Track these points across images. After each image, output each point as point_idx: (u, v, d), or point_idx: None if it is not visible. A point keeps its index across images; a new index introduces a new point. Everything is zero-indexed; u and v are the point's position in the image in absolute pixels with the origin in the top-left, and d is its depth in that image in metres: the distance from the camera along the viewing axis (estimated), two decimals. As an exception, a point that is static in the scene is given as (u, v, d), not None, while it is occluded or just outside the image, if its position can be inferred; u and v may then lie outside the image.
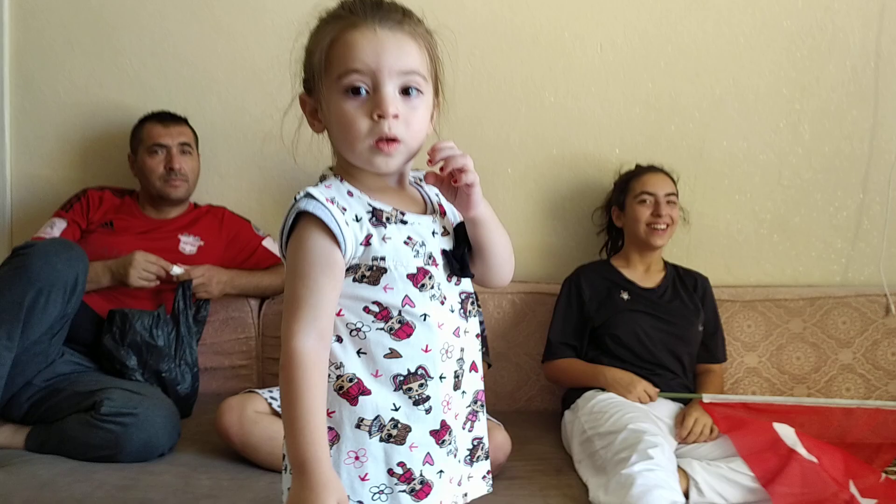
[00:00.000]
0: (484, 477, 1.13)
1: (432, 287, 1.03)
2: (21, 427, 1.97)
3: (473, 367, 1.11)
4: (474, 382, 1.11)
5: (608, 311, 2.19)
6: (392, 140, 1.00)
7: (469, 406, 1.10)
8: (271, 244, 2.45)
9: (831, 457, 1.82)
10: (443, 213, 1.10)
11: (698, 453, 1.91)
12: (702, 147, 2.53)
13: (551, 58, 2.51)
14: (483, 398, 1.13)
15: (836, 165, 2.54)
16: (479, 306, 2.06)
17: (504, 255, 1.13)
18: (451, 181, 1.04)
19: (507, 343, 2.43)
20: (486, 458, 1.13)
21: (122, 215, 2.34)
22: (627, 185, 2.31)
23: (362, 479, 1.01)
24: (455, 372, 1.06)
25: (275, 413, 1.87)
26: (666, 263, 2.34)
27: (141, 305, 2.15)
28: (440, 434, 1.04)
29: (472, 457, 1.10)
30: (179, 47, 2.53)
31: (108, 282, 2.14)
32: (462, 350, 1.07)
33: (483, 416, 1.13)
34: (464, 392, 1.08)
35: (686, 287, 2.29)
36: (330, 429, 1.00)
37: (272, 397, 1.88)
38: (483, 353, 2.19)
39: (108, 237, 2.28)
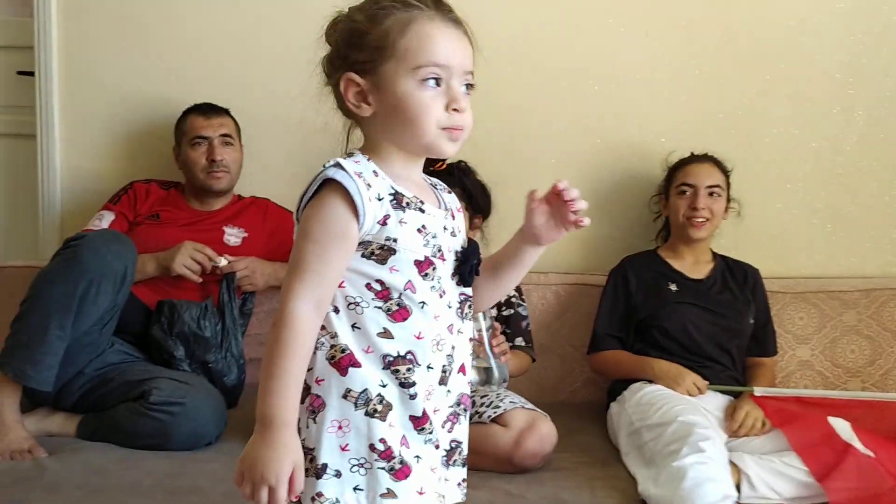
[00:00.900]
0: (459, 484, 1.12)
1: (434, 278, 1.06)
2: (73, 415, 2.01)
3: (462, 370, 1.11)
4: (460, 384, 1.11)
5: (655, 302, 2.16)
6: (460, 130, 1.07)
7: (452, 406, 1.10)
8: (315, 235, 2.45)
9: (888, 451, 1.76)
10: (453, 216, 1.13)
11: (750, 447, 1.87)
12: (751, 135, 2.47)
13: (595, 45, 2.47)
14: (468, 403, 1.13)
15: (891, 153, 2.46)
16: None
17: (509, 287, 1.20)
18: (556, 211, 1.11)
19: (550, 334, 2.40)
20: (464, 465, 1.12)
21: (168, 207, 2.37)
22: (672, 174, 2.28)
23: (342, 450, 1.02)
24: (443, 366, 1.07)
25: (320, 403, 1.87)
26: (715, 254, 2.29)
27: (188, 297, 2.17)
28: (420, 422, 1.05)
29: (448, 459, 1.10)
30: (222, 40, 2.55)
31: (153, 270, 2.16)
32: (453, 347, 1.08)
33: (465, 422, 1.12)
34: (448, 390, 1.09)
35: (736, 279, 2.24)
36: (317, 396, 1.02)
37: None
38: (528, 348, 2.18)
39: (155, 229, 2.30)
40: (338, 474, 1.01)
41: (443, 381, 1.07)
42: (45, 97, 2.61)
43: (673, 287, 2.18)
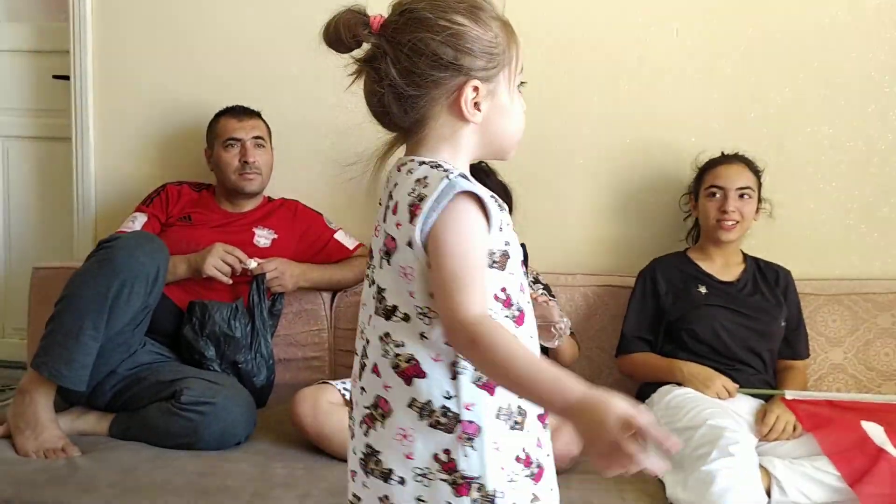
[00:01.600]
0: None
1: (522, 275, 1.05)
2: (105, 414, 2.04)
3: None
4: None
5: (685, 305, 2.14)
6: None
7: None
8: (343, 237, 2.47)
9: (923, 457, 1.73)
10: None
11: (780, 451, 1.85)
12: (784, 134, 2.44)
13: (625, 44, 2.45)
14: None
15: (929, 152, 2.41)
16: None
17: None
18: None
19: (579, 336, 2.39)
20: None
21: (200, 209, 2.40)
22: (702, 175, 2.25)
23: (501, 470, 0.97)
24: None
25: (348, 404, 1.88)
26: (746, 256, 2.26)
27: (219, 297, 2.20)
28: (543, 417, 1.03)
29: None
30: (254, 43, 2.58)
31: (184, 272, 2.19)
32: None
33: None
34: None
35: (767, 281, 2.21)
36: (469, 422, 0.96)
37: (345, 388, 1.90)
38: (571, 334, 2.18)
39: (187, 230, 2.33)
40: (502, 495, 0.97)
41: None
42: (81, 101, 2.66)
43: (702, 289, 2.15)
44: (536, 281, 2.27)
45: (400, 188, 1.00)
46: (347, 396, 1.88)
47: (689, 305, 2.13)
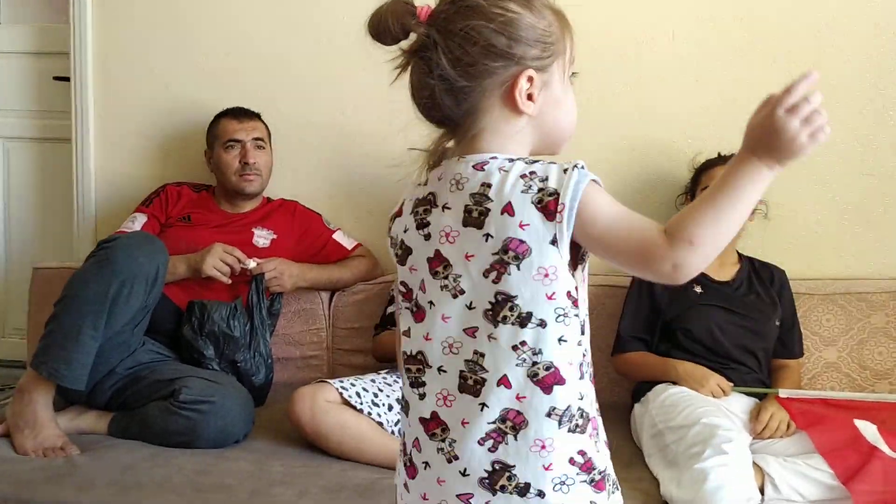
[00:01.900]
0: None
1: None
2: (104, 413, 2.06)
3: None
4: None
5: (680, 304, 2.15)
6: None
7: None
8: (341, 237, 2.48)
9: (916, 455, 1.74)
10: None
11: (774, 449, 1.86)
12: (779, 135, 2.45)
13: (621, 47, 2.46)
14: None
15: (923, 153, 2.42)
16: None
17: None
18: None
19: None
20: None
21: (199, 210, 2.41)
22: (698, 177, 2.26)
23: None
24: None
25: (345, 402, 1.89)
26: (741, 256, 2.27)
27: (218, 297, 2.21)
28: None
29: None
30: (254, 44, 2.59)
31: (184, 272, 2.20)
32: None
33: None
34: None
35: (762, 280, 2.22)
36: (594, 417, 0.98)
37: (342, 387, 1.91)
38: None
39: (186, 231, 2.35)
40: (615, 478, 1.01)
41: None
42: (81, 102, 2.67)
43: (697, 289, 2.16)
44: None
45: (501, 189, 0.93)
46: (345, 395, 1.89)
47: (685, 305, 2.14)
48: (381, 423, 1.89)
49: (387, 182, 2.56)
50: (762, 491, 1.70)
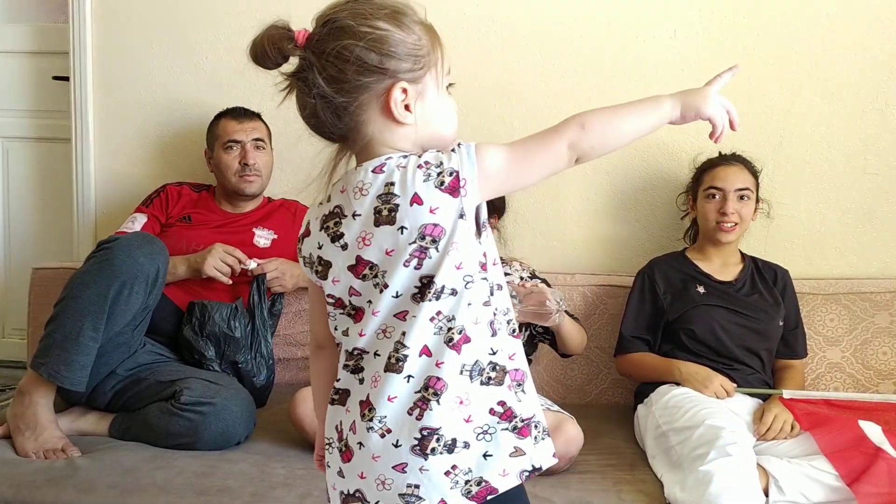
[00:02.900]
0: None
1: None
2: (105, 414, 2.05)
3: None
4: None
5: (683, 304, 2.14)
6: None
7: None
8: (342, 237, 2.47)
9: (921, 456, 1.73)
10: None
11: (778, 451, 1.85)
12: (781, 134, 2.44)
13: (623, 45, 2.46)
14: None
15: (926, 152, 2.42)
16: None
17: None
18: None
19: (578, 336, 2.40)
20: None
21: (200, 210, 2.40)
22: (700, 176, 2.24)
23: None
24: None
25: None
26: (744, 256, 2.27)
27: (219, 298, 2.20)
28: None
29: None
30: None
31: (184, 272, 2.19)
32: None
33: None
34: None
35: (765, 280, 2.21)
36: (517, 370, 1.06)
37: (344, 388, 1.90)
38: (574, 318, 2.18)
39: (186, 231, 2.34)
40: (544, 424, 1.08)
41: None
42: (80, 102, 2.66)
43: (700, 289, 2.16)
44: (534, 276, 2.28)
45: (403, 184, 1.00)
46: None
47: (688, 305, 2.13)
48: (382, 425, 1.88)
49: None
50: (766, 492, 1.70)
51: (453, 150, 1.01)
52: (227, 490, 1.72)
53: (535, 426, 1.05)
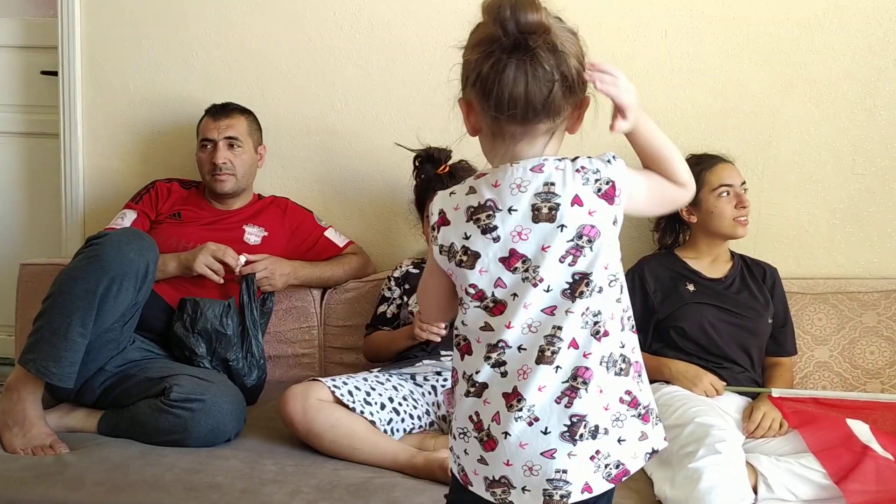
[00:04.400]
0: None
1: None
2: (94, 411, 2.04)
3: None
4: None
5: (673, 302, 2.14)
6: None
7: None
8: (333, 234, 2.47)
9: (908, 454, 1.75)
10: None
11: (767, 448, 1.86)
12: (771, 134, 2.45)
13: (613, 45, 2.46)
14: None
15: (914, 153, 2.44)
16: None
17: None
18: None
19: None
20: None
21: (190, 206, 2.39)
22: (700, 178, 2.17)
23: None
24: None
25: (338, 401, 1.88)
26: (733, 254, 2.28)
27: (209, 296, 2.19)
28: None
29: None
30: (243, 38, 2.58)
31: (174, 269, 2.19)
32: None
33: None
34: None
35: (755, 278, 2.22)
36: (637, 362, 1.13)
37: (334, 385, 1.90)
38: None
39: (176, 228, 2.33)
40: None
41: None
42: (69, 97, 2.65)
43: (691, 287, 2.16)
44: None
45: (564, 185, 1.06)
46: (337, 393, 1.88)
47: (678, 303, 2.14)
48: (373, 422, 1.88)
49: (378, 179, 2.55)
50: (755, 490, 1.70)
51: (608, 161, 1.08)
52: (216, 487, 1.71)
53: (652, 412, 1.13)
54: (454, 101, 1.13)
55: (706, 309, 2.12)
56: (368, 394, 1.93)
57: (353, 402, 1.88)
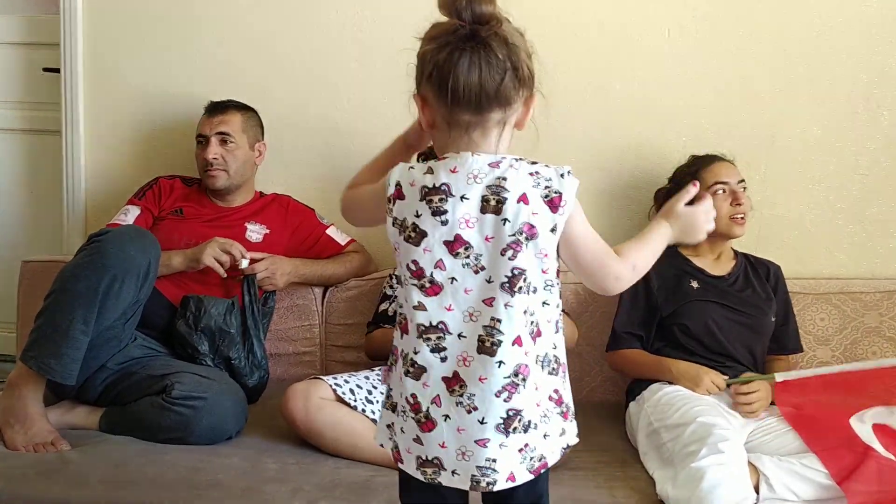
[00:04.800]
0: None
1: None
2: (95, 408, 2.04)
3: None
4: None
5: (677, 300, 2.14)
6: None
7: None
8: (335, 233, 2.47)
9: (910, 454, 1.74)
10: None
11: (769, 448, 1.86)
12: (774, 134, 2.45)
13: (617, 44, 2.46)
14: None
15: (917, 153, 2.43)
16: None
17: None
18: None
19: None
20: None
21: (191, 203, 2.39)
22: (696, 177, 2.17)
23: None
24: None
25: (339, 399, 1.88)
26: (736, 252, 2.28)
27: (211, 293, 2.19)
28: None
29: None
30: (246, 36, 2.57)
31: (179, 264, 2.18)
32: None
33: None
34: None
35: (758, 275, 2.22)
36: (564, 363, 1.19)
37: (336, 384, 1.90)
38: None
39: (178, 224, 2.32)
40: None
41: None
42: (71, 94, 2.64)
43: (694, 284, 2.16)
44: None
45: (515, 182, 1.10)
46: (339, 392, 1.88)
47: (682, 300, 2.13)
48: (374, 421, 1.88)
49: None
50: (757, 490, 1.70)
51: (562, 175, 1.12)
52: (218, 484, 1.71)
53: (570, 410, 1.20)
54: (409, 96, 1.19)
55: (710, 306, 2.12)
56: (370, 392, 1.93)
57: (355, 401, 1.88)
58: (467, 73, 1.08)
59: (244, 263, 2.19)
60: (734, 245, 2.28)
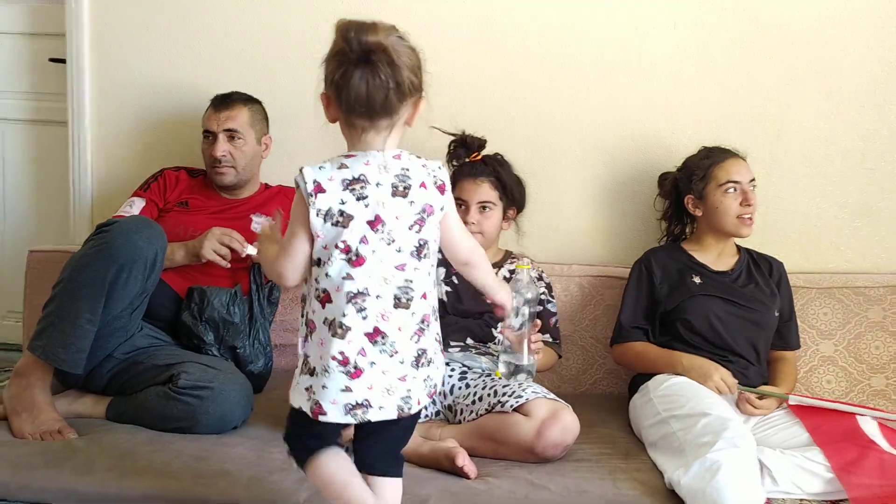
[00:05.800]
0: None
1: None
2: (101, 398, 2.05)
3: None
4: None
5: (680, 295, 2.15)
6: None
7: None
8: (339, 224, 2.47)
9: (914, 451, 1.74)
10: None
11: (773, 441, 1.86)
12: (780, 128, 2.45)
13: (624, 36, 2.46)
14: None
15: (923, 148, 2.43)
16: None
17: None
18: None
19: (573, 326, 2.41)
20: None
21: (197, 195, 2.39)
22: (708, 172, 2.18)
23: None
24: None
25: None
26: (739, 248, 2.28)
27: (217, 284, 2.19)
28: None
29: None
30: (251, 28, 2.57)
31: (182, 258, 2.19)
32: None
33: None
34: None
35: (761, 271, 2.22)
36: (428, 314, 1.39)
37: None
38: (555, 344, 2.19)
39: (184, 216, 2.33)
40: None
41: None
42: (77, 84, 2.65)
43: (697, 279, 2.16)
44: (540, 278, 2.28)
45: (416, 171, 1.35)
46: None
47: (684, 295, 2.14)
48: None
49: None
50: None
51: (439, 167, 1.38)
52: (225, 474, 1.72)
53: (442, 346, 1.44)
54: (317, 95, 1.39)
55: (713, 301, 2.12)
56: (375, 382, 1.94)
57: (360, 391, 1.89)
58: (357, 89, 1.30)
59: (249, 250, 2.19)
60: (737, 240, 2.28)
